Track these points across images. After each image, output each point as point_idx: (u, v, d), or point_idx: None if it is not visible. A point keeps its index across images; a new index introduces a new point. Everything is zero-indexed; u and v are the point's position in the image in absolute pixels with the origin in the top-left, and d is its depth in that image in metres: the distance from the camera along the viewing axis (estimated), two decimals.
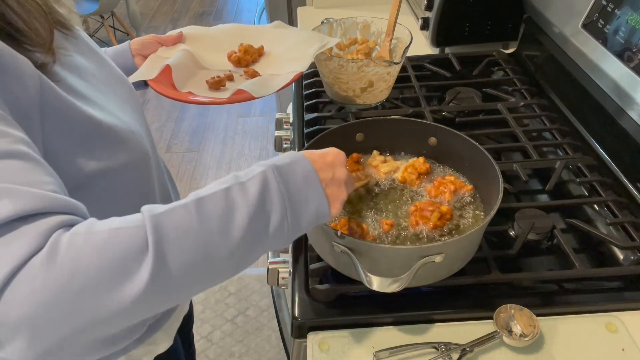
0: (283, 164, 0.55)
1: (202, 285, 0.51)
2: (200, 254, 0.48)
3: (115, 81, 0.73)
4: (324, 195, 0.57)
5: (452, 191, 0.81)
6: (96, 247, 0.43)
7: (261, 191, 0.52)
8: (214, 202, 0.50)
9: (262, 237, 0.52)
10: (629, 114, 0.90)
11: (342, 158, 0.61)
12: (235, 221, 0.50)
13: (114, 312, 0.44)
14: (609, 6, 0.96)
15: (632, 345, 0.67)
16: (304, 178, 0.55)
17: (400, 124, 0.90)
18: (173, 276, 0.46)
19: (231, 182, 0.52)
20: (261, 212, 0.52)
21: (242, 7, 4.64)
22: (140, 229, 0.46)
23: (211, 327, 1.93)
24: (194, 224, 0.48)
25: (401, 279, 0.64)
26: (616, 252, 0.80)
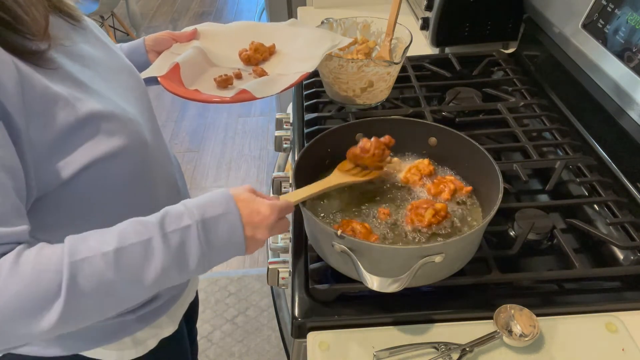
0: (211, 217, 0.60)
1: (114, 312, 0.58)
2: (109, 299, 0.55)
3: (121, 71, 0.75)
4: (243, 248, 0.63)
5: (451, 190, 0.81)
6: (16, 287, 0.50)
7: (180, 246, 0.58)
8: (132, 254, 0.55)
9: (175, 279, 0.59)
10: (629, 114, 0.90)
11: (270, 221, 0.64)
12: (149, 270, 0.56)
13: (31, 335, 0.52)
14: (609, 6, 0.96)
15: (632, 345, 0.67)
16: (228, 235, 0.61)
17: (400, 124, 0.90)
18: (80, 314, 0.54)
19: (154, 232, 0.57)
20: (177, 263, 0.58)
21: (242, 7, 4.64)
22: (57, 274, 0.52)
23: (211, 327, 1.93)
24: (109, 275, 0.54)
25: (401, 279, 0.64)
26: (616, 252, 0.80)
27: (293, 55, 1.00)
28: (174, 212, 0.59)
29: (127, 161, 0.67)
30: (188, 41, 0.99)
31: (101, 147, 0.63)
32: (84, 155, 0.61)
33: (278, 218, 0.66)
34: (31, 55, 0.57)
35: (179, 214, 0.59)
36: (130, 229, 0.57)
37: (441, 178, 0.83)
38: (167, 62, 0.92)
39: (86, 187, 0.63)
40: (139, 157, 0.70)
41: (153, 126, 0.77)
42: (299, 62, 0.96)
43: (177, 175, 0.87)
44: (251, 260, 2.22)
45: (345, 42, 1.00)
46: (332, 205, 0.83)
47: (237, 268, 2.19)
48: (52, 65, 0.60)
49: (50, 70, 0.59)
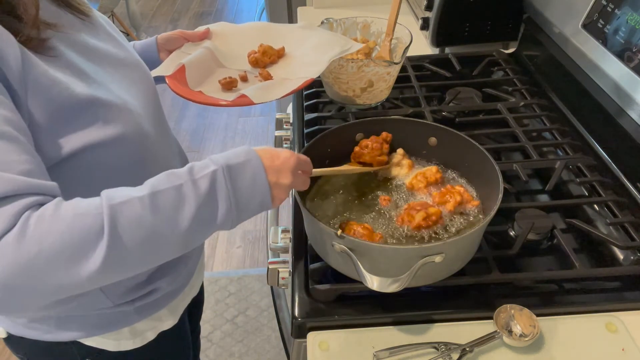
0: (235, 163, 0.61)
1: (152, 263, 0.58)
2: (149, 241, 0.55)
3: (127, 65, 0.76)
4: (269, 195, 0.63)
5: (457, 202, 0.78)
6: (60, 229, 0.50)
7: (210, 190, 0.58)
8: (167, 197, 0.56)
9: (208, 226, 0.59)
10: (629, 114, 0.90)
11: (291, 164, 0.65)
12: (184, 214, 0.56)
13: (72, 283, 0.51)
14: (609, 6, 0.96)
15: (632, 345, 0.67)
16: (252, 180, 0.61)
17: (400, 124, 0.90)
18: (123, 258, 0.53)
19: (185, 178, 0.58)
20: (208, 207, 0.58)
21: (242, 7, 4.64)
22: (98, 216, 0.52)
23: (211, 327, 1.93)
24: (146, 216, 0.54)
25: (401, 279, 0.64)
26: (616, 252, 0.80)
27: (302, 59, 0.99)
28: (200, 163, 0.61)
29: (125, 150, 0.68)
30: (200, 40, 0.99)
31: (97, 133, 0.64)
32: (79, 138, 0.62)
33: (298, 164, 0.66)
34: (29, 42, 0.59)
35: (205, 164, 0.60)
36: (162, 178, 0.58)
37: (450, 188, 0.81)
38: (175, 62, 0.92)
39: (80, 171, 0.64)
40: (138, 148, 0.70)
41: (157, 120, 0.78)
42: (305, 67, 0.94)
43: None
44: (251, 260, 2.22)
45: (355, 47, 0.97)
46: (332, 206, 0.83)
47: (237, 268, 2.19)
48: (52, 53, 0.62)
49: (51, 57, 0.61)
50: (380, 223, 0.79)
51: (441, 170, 0.86)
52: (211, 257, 2.25)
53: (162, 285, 0.80)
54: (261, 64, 0.98)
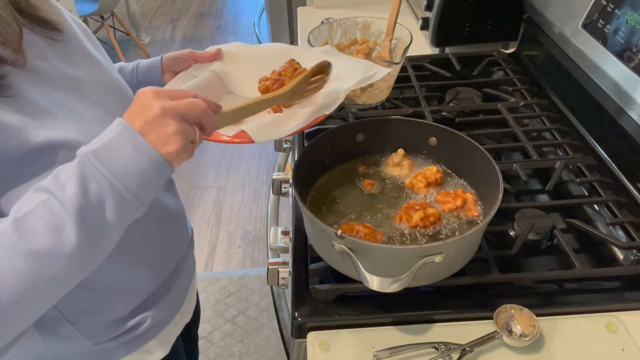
0: (102, 144, 0.51)
1: (52, 299, 0.50)
2: (34, 275, 0.47)
3: (102, 89, 0.68)
4: (159, 158, 0.52)
5: (457, 206, 0.79)
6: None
7: (82, 186, 0.49)
8: (36, 219, 0.48)
9: (103, 227, 0.51)
10: (629, 114, 0.90)
11: (146, 96, 0.54)
12: (66, 230, 0.48)
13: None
14: (609, 6, 0.96)
15: (632, 345, 0.67)
16: (132, 152, 0.51)
17: (400, 124, 0.90)
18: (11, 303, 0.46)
19: (48, 192, 0.49)
20: (90, 206, 0.49)
21: (242, 7, 4.64)
22: None
23: (211, 327, 1.93)
24: (18, 250, 0.46)
25: (401, 279, 0.64)
26: (616, 252, 0.80)
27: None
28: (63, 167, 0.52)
29: None
30: (210, 62, 0.89)
31: None
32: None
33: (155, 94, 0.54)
34: None
35: (69, 165, 0.51)
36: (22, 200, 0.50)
37: (461, 192, 0.81)
38: (177, 86, 0.82)
39: None
40: None
41: None
42: (319, 98, 0.82)
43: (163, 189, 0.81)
44: (251, 260, 2.23)
45: (381, 73, 0.83)
46: (332, 206, 0.83)
47: (237, 268, 2.19)
48: (7, 93, 0.54)
49: (5, 98, 0.54)
50: (379, 221, 0.79)
51: (441, 171, 0.86)
52: (211, 257, 2.25)
53: (148, 317, 0.74)
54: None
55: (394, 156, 0.89)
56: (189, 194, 2.59)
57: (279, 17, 2.10)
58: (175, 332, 0.85)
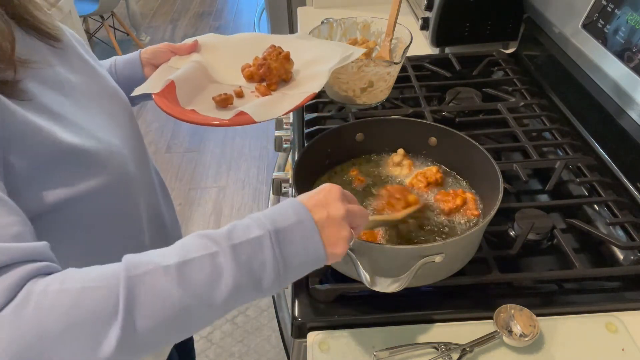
0: (284, 227, 0.52)
1: (179, 339, 0.50)
2: (176, 320, 0.47)
3: (104, 96, 0.70)
4: (323, 254, 0.53)
5: (457, 205, 0.79)
6: (65, 307, 0.43)
7: (253, 259, 0.50)
8: (199, 267, 0.48)
9: (249, 296, 0.51)
10: (629, 114, 0.90)
11: (335, 193, 0.56)
12: (220, 288, 0.48)
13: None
14: (609, 6, 0.96)
15: (632, 345, 0.67)
16: (303, 242, 0.52)
17: (400, 124, 0.90)
18: (144, 338, 0.45)
19: (223, 244, 0.49)
20: (251, 278, 0.50)
21: (242, 7, 4.64)
22: (113, 290, 0.44)
23: (211, 327, 1.93)
24: (173, 293, 0.46)
25: (401, 279, 0.64)
26: (616, 252, 0.80)
27: (301, 71, 0.93)
28: (241, 223, 0.52)
29: (111, 199, 0.64)
30: (188, 54, 0.91)
31: (82, 184, 0.58)
32: (63, 190, 0.57)
33: (342, 195, 0.57)
34: (3, 85, 0.53)
35: (247, 225, 0.52)
36: (195, 241, 0.50)
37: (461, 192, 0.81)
38: (162, 78, 0.85)
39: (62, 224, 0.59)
40: (124, 194, 0.66)
41: (139, 155, 0.73)
42: (305, 80, 0.88)
43: (162, 200, 0.83)
44: None
45: (357, 54, 0.90)
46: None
47: None
48: (25, 97, 0.55)
49: (24, 101, 0.55)
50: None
51: (441, 171, 0.86)
52: None
53: None
54: (256, 78, 0.90)
55: (394, 156, 0.89)
56: (189, 194, 2.59)
57: (279, 17, 2.10)
58: (169, 347, 0.84)
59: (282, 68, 0.89)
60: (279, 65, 0.88)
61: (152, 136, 3.02)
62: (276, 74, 0.88)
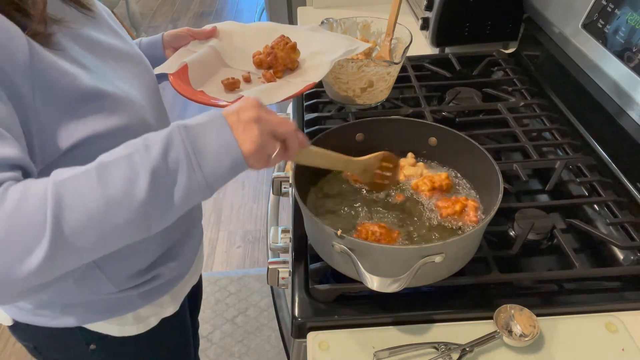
0: (195, 124, 0.57)
1: (108, 247, 0.54)
2: (102, 222, 0.51)
3: (129, 59, 0.76)
4: (238, 151, 0.56)
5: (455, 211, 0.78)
6: (7, 211, 0.48)
7: (163, 153, 0.54)
8: (117, 169, 0.52)
9: (169, 196, 0.54)
10: (629, 114, 0.90)
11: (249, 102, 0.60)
12: (138, 182, 0.52)
13: (17, 276, 0.48)
14: (609, 6, 0.96)
15: (632, 345, 0.67)
16: (216, 137, 0.56)
17: (400, 124, 0.90)
18: (72, 245, 0.50)
19: (137, 146, 0.54)
20: (165, 172, 0.54)
21: (242, 7, 4.64)
22: (42, 197, 0.49)
23: (211, 327, 1.93)
24: (94, 190, 0.51)
25: (401, 279, 0.64)
26: (616, 252, 0.80)
27: (306, 61, 0.98)
28: (156, 132, 0.57)
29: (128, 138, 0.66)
30: (206, 39, 0.98)
31: (102, 123, 0.64)
32: (85, 128, 0.63)
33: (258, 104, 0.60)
34: (36, 36, 0.59)
35: (160, 131, 0.56)
36: (115, 149, 0.55)
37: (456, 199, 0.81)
38: (179, 60, 0.91)
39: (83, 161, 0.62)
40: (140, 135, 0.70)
41: (159, 112, 0.79)
42: (309, 70, 0.94)
43: None
44: (251, 260, 2.23)
45: (362, 47, 0.95)
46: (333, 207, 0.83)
47: (237, 268, 2.19)
48: (57, 47, 0.62)
49: (56, 51, 0.62)
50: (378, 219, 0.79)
51: (451, 177, 0.86)
52: (211, 257, 2.25)
53: (164, 272, 0.81)
54: (265, 65, 0.96)
55: (403, 161, 0.89)
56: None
57: (279, 17, 2.10)
58: (185, 290, 0.91)
59: (288, 57, 0.95)
60: (285, 54, 0.94)
61: None
62: (282, 62, 0.94)
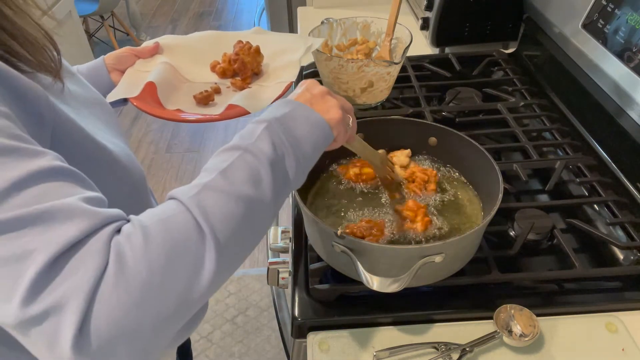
0: (282, 114, 0.59)
1: (252, 245, 0.53)
2: (246, 218, 0.50)
3: (94, 103, 0.70)
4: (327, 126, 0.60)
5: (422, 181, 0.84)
6: (159, 237, 0.44)
7: (271, 146, 0.54)
8: (239, 170, 0.51)
9: (285, 183, 0.55)
10: (629, 114, 0.90)
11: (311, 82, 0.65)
12: (263, 178, 0.52)
13: (196, 294, 0.45)
14: (609, 6, 0.96)
15: (632, 345, 0.67)
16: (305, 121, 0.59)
17: (400, 124, 0.90)
18: (231, 246, 0.48)
19: (242, 147, 0.54)
20: (278, 164, 0.54)
21: (242, 7, 4.64)
22: (185, 212, 0.46)
23: (211, 327, 1.93)
24: (231, 195, 0.49)
25: (401, 279, 0.64)
26: (616, 252, 0.80)
27: (270, 64, 0.95)
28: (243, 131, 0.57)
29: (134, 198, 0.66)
30: (151, 56, 0.93)
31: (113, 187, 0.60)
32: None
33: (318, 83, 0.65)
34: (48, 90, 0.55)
35: (251, 128, 0.57)
36: (215, 160, 0.54)
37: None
38: (136, 81, 0.86)
39: None
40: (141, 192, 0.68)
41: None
42: (277, 72, 0.92)
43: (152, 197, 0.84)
44: (251, 260, 2.23)
45: (317, 43, 0.95)
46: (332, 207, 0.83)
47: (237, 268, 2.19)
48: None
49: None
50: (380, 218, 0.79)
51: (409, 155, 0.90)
52: None
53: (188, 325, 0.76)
54: (229, 74, 0.93)
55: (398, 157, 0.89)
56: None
57: (279, 17, 2.10)
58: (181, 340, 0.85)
59: (255, 61, 0.93)
60: (252, 59, 0.92)
61: (152, 136, 3.02)
62: (249, 67, 0.92)
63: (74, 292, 0.39)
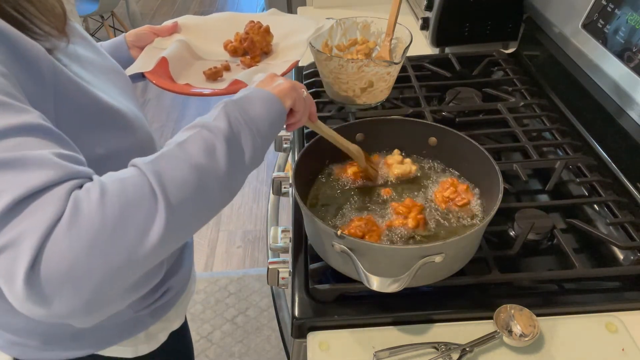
0: (238, 97, 0.63)
1: (204, 216, 0.56)
2: (198, 187, 0.53)
3: (111, 71, 0.75)
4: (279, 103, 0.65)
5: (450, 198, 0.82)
6: (114, 194, 0.47)
7: (228, 123, 0.59)
8: (194, 142, 0.55)
9: (242, 161, 0.59)
10: (629, 114, 0.90)
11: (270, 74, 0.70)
12: (217, 150, 0.56)
13: (143, 251, 0.48)
14: (609, 6, 0.96)
15: (632, 345, 0.67)
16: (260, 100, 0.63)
17: (400, 124, 0.90)
18: (181, 211, 0.51)
19: (200, 125, 0.58)
20: (235, 140, 0.58)
21: (242, 7, 4.64)
22: (141, 176, 0.50)
23: (211, 327, 1.93)
24: (184, 163, 0.53)
25: (401, 279, 0.64)
26: (616, 252, 0.80)
27: (280, 43, 1.01)
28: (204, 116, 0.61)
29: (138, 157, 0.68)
30: (169, 35, 0.98)
31: (117, 141, 0.64)
32: (104, 145, 0.63)
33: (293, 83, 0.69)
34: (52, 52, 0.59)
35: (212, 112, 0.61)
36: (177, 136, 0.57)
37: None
38: (152, 57, 0.91)
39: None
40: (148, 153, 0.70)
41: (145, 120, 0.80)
42: (286, 50, 0.97)
43: None
44: (251, 260, 2.22)
45: (328, 24, 1.00)
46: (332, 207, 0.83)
47: (237, 268, 2.19)
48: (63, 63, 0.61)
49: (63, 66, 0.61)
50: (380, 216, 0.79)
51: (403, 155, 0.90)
52: (211, 257, 2.25)
53: (172, 285, 0.81)
54: (240, 52, 0.98)
55: (389, 157, 0.89)
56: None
57: None
58: (187, 302, 0.91)
59: (264, 40, 0.98)
60: (261, 38, 0.97)
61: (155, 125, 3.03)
62: (258, 46, 0.97)
63: (30, 232, 0.43)
